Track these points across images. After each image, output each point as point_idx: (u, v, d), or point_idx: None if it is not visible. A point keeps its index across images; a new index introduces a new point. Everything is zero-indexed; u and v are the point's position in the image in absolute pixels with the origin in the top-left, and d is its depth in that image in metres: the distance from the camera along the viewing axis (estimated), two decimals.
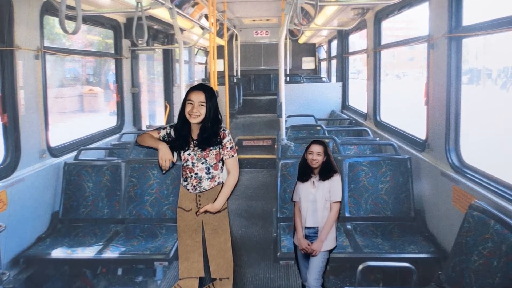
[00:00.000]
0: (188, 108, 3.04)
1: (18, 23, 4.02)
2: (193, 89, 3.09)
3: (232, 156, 3.14)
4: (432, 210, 4.23)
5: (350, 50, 9.04)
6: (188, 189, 3.18)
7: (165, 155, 3.05)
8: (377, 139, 5.86)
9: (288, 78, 11.77)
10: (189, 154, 3.13)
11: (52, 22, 5.63)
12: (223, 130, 3.12)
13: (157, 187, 4.60)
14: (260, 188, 7.24)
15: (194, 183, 3.16)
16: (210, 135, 3.08)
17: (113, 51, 6.68)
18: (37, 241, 4.23)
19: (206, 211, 3.15)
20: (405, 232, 4.22)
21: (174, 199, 4.55)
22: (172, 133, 3.16)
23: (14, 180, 3.98)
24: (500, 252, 2.75)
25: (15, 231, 3.91)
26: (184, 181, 3.19)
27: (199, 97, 3.04)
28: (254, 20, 12.67)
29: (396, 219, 4.41)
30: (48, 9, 4.43)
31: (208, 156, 3.12)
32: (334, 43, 10.42)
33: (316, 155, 3.29)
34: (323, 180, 3.31)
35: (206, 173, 3.15)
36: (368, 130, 6.15)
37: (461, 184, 3.64)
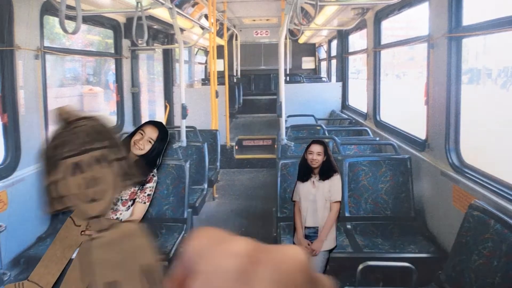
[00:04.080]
0: (136, 136, 2.94)
1: (18, 23, 4.02)
2: (150, 123, 3.01)
3: (144, 203, 3.03)
4: (432, 210, 4.23)
5: (350, 50, 9.05)
6: None
7: None
8: (377, 139, 5.86)
9: (288, 78, 11.78)
10: None
11: (52, 22, 5.63)
12: (153, 175, 3.02)
13: (157, 187, 4.59)
14: (260, 188, 7.24)
15: None
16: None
17: (113, 51, 6.68)
18: (38, 241, 4.23)
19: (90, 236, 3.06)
20: (405, 232, 4.22)
21: (174, 199, 4.55)
22: None
23: (14, 180, 3.98)
24: (500, 251, 2.75)
25: (16, 231, 3.91)
26: None
27: (151, 133, 2.95)
28: (254, 20, 12.66)
29: (396, 219, 4.41)
30: (48, 9, 4.43)
31: (125, 189, 2.99)
32: (334, 43, 10.42)
33: (316, 155, 3.29)
34: (323, 180, 3.31)
35: (113, 203, 2.99)
36: (368, 130, 6.15)
37: (461, 183, 3.64)
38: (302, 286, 0.31)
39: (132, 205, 3.04)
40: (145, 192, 3.01)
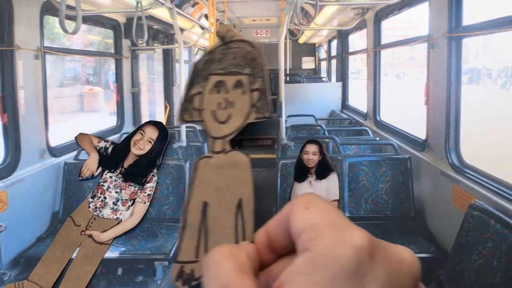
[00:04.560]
0: (136, 136, 2.95)
1: (18, 23, 4.02)
2: (150, 123, 3.02)
3: (144, 202, 3.05)
4: (432, 210, 4.23)
5: (350, 50, 9.05)
6: (90, 207, 3.08)
7: (91, 165, 2.99)
8: (377, 139, 5.86)
9: (288, 77, 11.76)
10: (110, 177, 3.05)
11: (52, 22, 5.63)
12: (153, 175, 3.04)
13: (157, 187, 4.59)
14: (260, 188, 7.23)
15: (98, 205, 3.06)
16: (139, 172, 3.01)
17: (113, 51, 6.68)
18: (38, 241, 4.23)
19: (90, 236, 3.05)
20: (405, 232, 4.22)
21: (174, 199, 4.55)
22: (109, 151, 3.07)
23: (14, 180, 3.98)
24: (500, 251, 2.75)
25: (16, 231, 3.90)
26: (91, 197, 3.10)
27: (151, 133, 2.96)
28: (254, 20, 12.67)
29: (396, 218, 4.41)
30: (48, 9, 4.43)
31: (125, 189, 3.05)
32: (334, 43, 10.43)
33: (311, 155, 3.29)
34: (320, 179, 3.31)
35: (113, 203, 3.06)
36: (368, 130, 6.15)
37: (461, 183, 3.64)
38: None
39: (132, 205, 3.05)
40: (145, 192, 3.03)
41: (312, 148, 3.28)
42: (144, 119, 7.61)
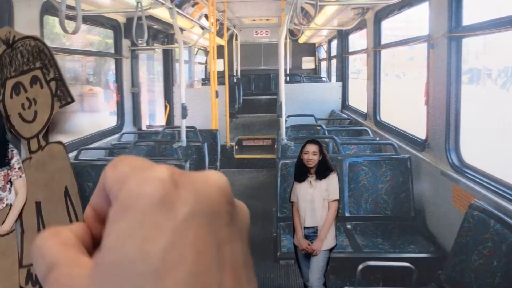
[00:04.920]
0: None
1: (18, 23, 4.01)
2: None
3: (20, 176, 2.98)
4: (432, 210, 4.24)
5: (350, 50, 9.05)
6: None
7: None
8: (377, 138, 5.86)
9: (288, 77, 11.77)
10: None
11: (52, 22, 5.63)
12: (11, 150, 2.97)
13: None
14: (260, 187, 7.23)
15: None
16: None
17: (113, 51, 6.68)
18: None
19: None
20: (405, 232, 4.22)
21: None
22: None
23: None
24: (500, 251, 2.75)
25: None
26: None
27: None
28: (254, 20, 12.67)
29: (396, 218, 4.41)
30: (48, 9, 4.43)
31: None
32: (334, 43, 10.43)
33: (311, 155, 3.29)
34: (320, 179, 3.31)
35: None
36: (368, 130, 6.15)
37: (461, 183, 3.64)
38: (222, 206, 0.30)
39: (11, 186, 3.03)
40: (15, 168, 2.99)
41: (312, 148, 3.28)
42: (144, 119, 7.62)
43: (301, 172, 3.35)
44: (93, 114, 10.96)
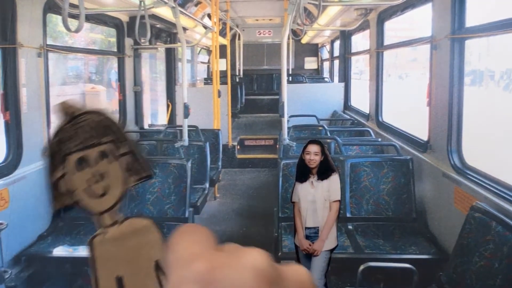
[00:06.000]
0: None
1: (21, 21, 4.03)
2: None
3: None
4: (434, 211, 4.23)
5: (353, 50, 9.04)
6: None
7: None
8: (379, 139, 5.86)
9: (290, 78, 11.76)
10: None
11: (55, 20, 5.64)
12: None
13: (158, 186, 4.60)
14: (262, 187, 7.23)
15: None
16: None
17: (115, 50, 6.68)
18: (39, 239, 4.23)
19: None
20: (407, 233, 4.21)
21: (176, 198, 4.55)
22: None
23: (16, 178, 3.98)
24: (501, 253, 2.75)
25: (17, 229, 3.91)
26: None
27: None
28: (257, 20, 12.66)
29: (398, 220, 4.41)
30: (51, 7, 4.44)
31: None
32: (337, 44, 10.42)
33: (313, 155, 3.28)
34: (322, 179, 3.30)
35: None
36: (370, 131, 6.15)
37: (462, 185, 3.64)
38: None
39: None
40: None
41: (314, 148, 3.27)
42: (146, 118, 7.63)
43: (302, 173, 3.34)
44: None
